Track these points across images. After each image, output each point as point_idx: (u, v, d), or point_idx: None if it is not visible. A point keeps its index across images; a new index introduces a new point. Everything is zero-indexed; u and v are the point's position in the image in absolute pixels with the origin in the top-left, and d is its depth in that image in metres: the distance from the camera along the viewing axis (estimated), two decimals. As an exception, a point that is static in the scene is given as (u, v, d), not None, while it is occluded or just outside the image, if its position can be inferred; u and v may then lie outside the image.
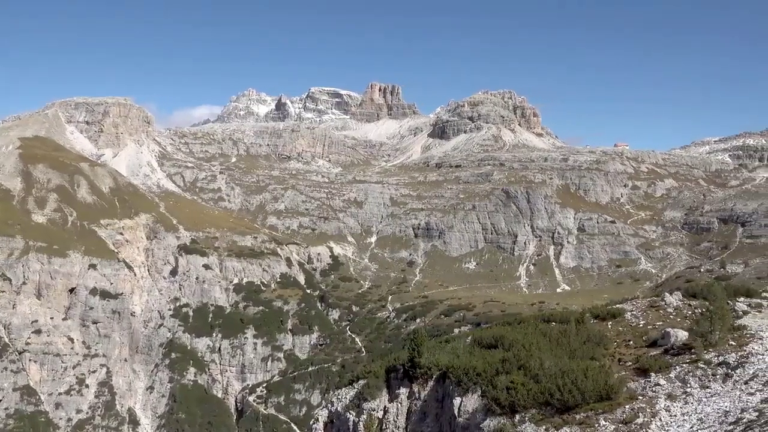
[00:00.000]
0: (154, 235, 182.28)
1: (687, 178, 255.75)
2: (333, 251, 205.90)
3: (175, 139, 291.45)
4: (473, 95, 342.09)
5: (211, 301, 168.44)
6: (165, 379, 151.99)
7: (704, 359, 29.36)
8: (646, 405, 26.64)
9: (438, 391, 34.30)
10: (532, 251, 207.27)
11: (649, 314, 39.32)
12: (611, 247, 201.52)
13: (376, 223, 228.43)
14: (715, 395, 26.20)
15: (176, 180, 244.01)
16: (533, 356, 30.92)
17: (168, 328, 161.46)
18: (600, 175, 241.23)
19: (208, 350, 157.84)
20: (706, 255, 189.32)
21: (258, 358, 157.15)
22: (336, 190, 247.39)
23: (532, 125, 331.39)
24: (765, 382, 25.66)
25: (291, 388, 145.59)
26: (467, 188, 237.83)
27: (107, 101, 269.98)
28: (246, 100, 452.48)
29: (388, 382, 37.57)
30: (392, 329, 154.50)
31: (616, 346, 34.82)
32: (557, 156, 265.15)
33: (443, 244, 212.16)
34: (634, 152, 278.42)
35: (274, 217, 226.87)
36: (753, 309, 38.88)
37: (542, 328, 38.19)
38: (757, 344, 30.50)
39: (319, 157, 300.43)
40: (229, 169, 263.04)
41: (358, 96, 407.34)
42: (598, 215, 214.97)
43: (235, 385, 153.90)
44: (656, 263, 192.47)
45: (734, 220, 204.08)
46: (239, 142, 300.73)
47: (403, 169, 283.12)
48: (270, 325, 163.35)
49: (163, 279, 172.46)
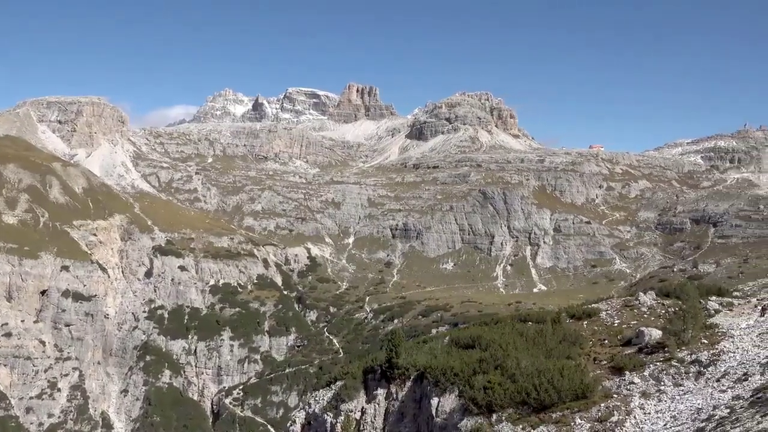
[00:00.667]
0: (129, 236, 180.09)
1: (660, 179, 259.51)
2: (310, 252, 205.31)
3: (150, 139, 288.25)
4: (450, 97, 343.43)
5: (187, 303, 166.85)
6: (139, 382, 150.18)
7: (677, 357, 29.79)
8: (621, 403, 26.96)
9: (416, 392, 34.36)
10: (508, 252, 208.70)
11: (624, 313, 39.81)
12: (587, 247, 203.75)
13: (354, 224, 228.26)
14: (688, 393, 26.60)
15: (151, 180, 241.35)
16: (510, 356, 31.13)
17: (142, 330, 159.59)
18: (576, 176, 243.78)
19: (183, 352, 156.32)
20: (679, 255, 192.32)
21: (234, 360, 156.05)
22: (313, 190, 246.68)
23: (508, 127, 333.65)
24: (736, 380, 26.11)
25: (268, 390, 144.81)
26: (445, 189, 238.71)
27: (80, 101, 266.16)
28: (222, 100, 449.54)
29: (365, 383, 37.54)
30: (370, 330, 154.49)
31: (592, 345, 35.19)
32: (534, 157, 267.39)
33: (421, 244, 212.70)
34: (609, 154, 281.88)
35: (250, 218, 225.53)
36: (724, 308, 39.58)
37: (519, 327, 38.46)
38: (728, 342, 31.03)
39: (296, 158, 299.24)
40: (206, 170, 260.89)
41: (335, 97, 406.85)
42: (574, 216, 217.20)
43: (211, 387, 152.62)
44: (631, 263, 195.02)
45: (706, 221, 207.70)
46: (216, 143, 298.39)
47: (380, 170, 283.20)
48: (247, 326, 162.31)
49: (138, 281, 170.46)
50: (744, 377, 26.02)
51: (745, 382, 25.41)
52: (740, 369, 27.12)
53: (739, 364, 27.75)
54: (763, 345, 29.85)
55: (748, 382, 25.38)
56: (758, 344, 30.13)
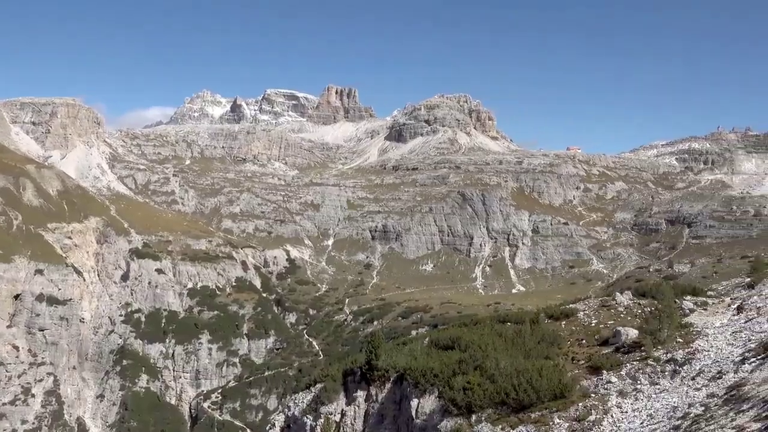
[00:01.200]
0: (105, 239, 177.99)
1: (636, 180, 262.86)
2: (289, 254, 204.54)
3: (127, 140, 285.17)
4: (429, 99, 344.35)
5: (164, 306, 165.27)
6: (116, 386, 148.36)
7: (653, 356, 30.17)
8: (599, 402, 27.24)
9: (395, 393, 34.39)
10: (487, 253, 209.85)
11: (601, 313, 40.25)
12: (564, 248, 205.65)
13: (333, 226, 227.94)
14: (664, 391, 26.96)
15: (128, 182, 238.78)
16: (489, 357, 31.29)
17: (119, 334, 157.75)
18: (553, 178, 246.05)
19: (161, 356, 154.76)
20: (655, 255, 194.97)
21: (213, 364, 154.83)
22: (292, 192, 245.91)
23: (487, 128, 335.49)
24: (711, 378, 26.50)
25: (247, 393, 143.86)
26: (424, 191, 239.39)
27: (55, 101, 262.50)
28: (200, 102, 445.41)
29: (345, 386, 37.50)
30: (349, 332, 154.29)
31: (570, 345, 35.52)
32: (512, 159, 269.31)
33: (400, 246, 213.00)
34: (586, 155, 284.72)
35: (229, 220, 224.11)
36: (699, 307, 40.20)
37: (498, 328, 38.69)
38: (702, 341, 31.50)
39: (275, 160, 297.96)
40: (183, 172, 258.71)
41: (314, 98, 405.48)
42: (552, 217, 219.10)
43: (189, 391, 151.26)
44: (607, 263, 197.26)
45: (681, 221, 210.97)
46: (193, 144, 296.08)
47: (360, 172, 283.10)
48: (225, 329, 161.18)
49: (114, 284, 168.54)
50: (718, 375, 26.43)
51: (720, 380, 25.80)
52: (714, 367, 27.55)
53: (713, 363, 28.18)
54: (736, 343, 30.34)
55: (722, 380, 25.78)
56: (732, 342, 30.63)
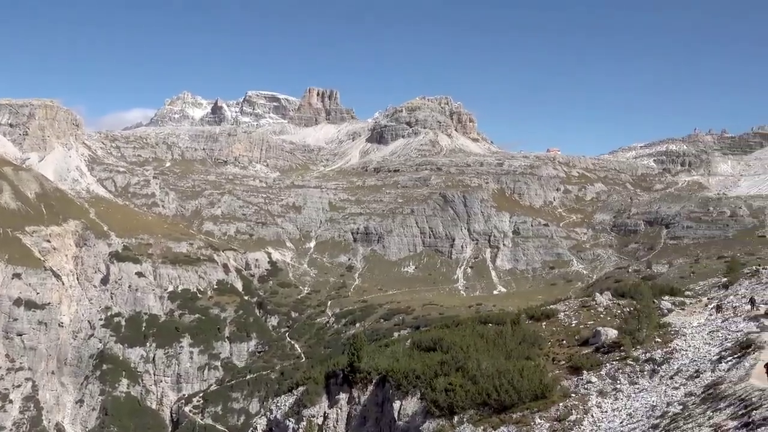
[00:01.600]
0: (84, 242, 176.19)
1: (615, 182, 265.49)
2: (271, 257, 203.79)
3: (106, 142, 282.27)
4: (411, 101, 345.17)
5: (145, 310, 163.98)
6: (95, 391, 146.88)
7: (632, 356, 30.60)
8: (579, 402, 27.57)
9: (378, 395, 34.48)
10: (469, 254, 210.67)
11: (581, 314, 40.73)
12: (545, 249, 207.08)
13: (315, 228, 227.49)
14: (643, 390, 27.35)
15: (107, 185, 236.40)
16: (471, 358, 31.52)
17: (99, 338, 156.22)
18: (534, 180, 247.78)
19: (141, 360, 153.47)
20: (634, 256, 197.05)
21: (194, 367, 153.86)
22: (274, 195, 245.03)
23: (468, 130, 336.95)
24: (688, 377, 26.94)
25: (228, 397, 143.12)
26: (405, 193, 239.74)
27: (33, 103, 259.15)
28: (181, 104, 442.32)
29: (327, 388, 37.53)
30: (332, 334, 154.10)
31: (550, 345, 35.89)
32: (493, 161, 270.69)
33: (382, 248, 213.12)
34: (566, 157, 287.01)
35: (210, 222, 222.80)
36: (677, 307, 40.83)
37: (479, 329, 38.98)
38: (680, 341, 32.01)
39: (256, 162, 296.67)
40: (163, 174, 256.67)
41: (296, 100, 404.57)
42: (532, 218, 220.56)
43: (170, 395, 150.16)
44: (587, 264, 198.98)
45: (659, 222, 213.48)
46: (174, 146, 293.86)
47: (341, 174, 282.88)
48: (206, 333, 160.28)
49: (94, 288, 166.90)
50: (696, 374, 26.87)
51: (697, 379, 26.23)
52: (692, 366, 28.00)
53: (691, 362, 28.65)
54: (713, 343, 30.86)
55: (699, 378, 26.21)
56: (709, 342, 31.15)
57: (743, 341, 28.48)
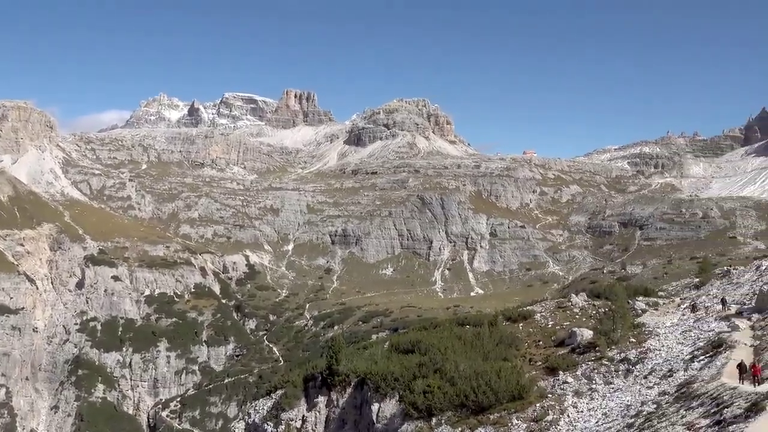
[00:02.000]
0: (59, 246, 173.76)
1: (590, 184, 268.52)
2: (249, 260, 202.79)
3: (81, 145, 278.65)
4: (388, 103, 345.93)
5: (121, 314, 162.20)
6: (71, 397, 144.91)
7: (608, 356, 31.14)
8: (556, 402, 27.97)
9: (356, 398, 34.60)
10: (446, 256, 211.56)
11: (557, 315, 41.30)
12: (521, 251, 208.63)
13: (293, 231, 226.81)
14: (618, 390, 27.84)
15: (82, 188, 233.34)
16: (449, 359, 31.79)
17: (74, 343, 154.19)
18: (510, 182, 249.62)
19: (117, 365, 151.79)
20: (608, 257, 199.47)
21: (171, 372, 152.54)
22: (251, 197, 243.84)
23: (445, 133, 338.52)
24: (662, 376, 27.48)
25: (206, 401, 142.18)
26: (383, 195, 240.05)
27: (5, 104, 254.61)
28: (157, 105, 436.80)
29: (306, 391, 37.56)
30: (310, 337, 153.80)
31: (527, 346, 36.34)
32: (470, 163, 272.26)
33: (360, 250, 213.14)
34: (542, 159, 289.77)
35: (187, 225, 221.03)
36: (650, 307, 41.58)
37: (457, 331, 39.31)
38: (654, 341, 32.63)
39: (233, 164, 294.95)
40: (140, 177, 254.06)
41: (273, 102, 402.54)
42: (509, 220, 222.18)
43: (147, 400, 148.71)
44: (563, 266, 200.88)
45: (633, 224, 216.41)
46: (150, 149, 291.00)
47: (319, 176, 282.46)
48: (184, 337, 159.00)
49: (69, 292, 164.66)
50: (669, 373, 27.42)
51: (670, 378, 26.77)
52: (666, 366, 28.57)
53: (664, 361, 29.22)
54: (686, 342, 31.51)
55: (672, 378, 26.76)
56: (681, 341, 31.80)
57: (715, 341, 29.11)
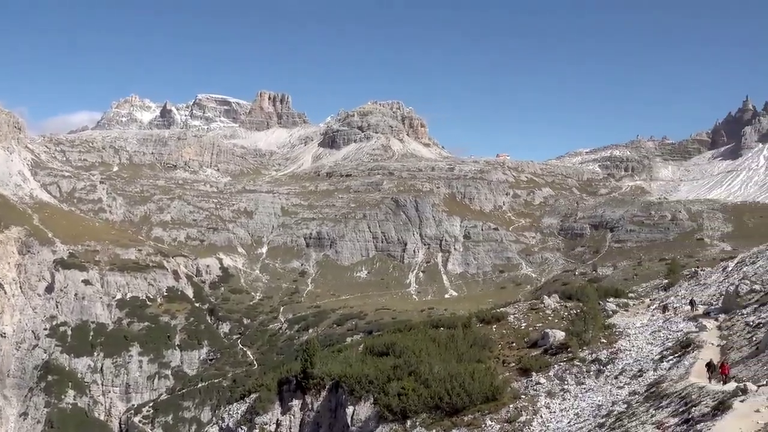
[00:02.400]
0: (27, 250, 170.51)
1: (562, 186, 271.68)
2: (223, 263, 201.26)
3: (50, 146, 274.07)
4: (363, 105, 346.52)
5: (92, 319, 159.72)
6: (40, 403, 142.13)
7: (579, 357, 31.63)
8: (529, 403, 28.35)
9: (331, 401, 34.63)
10: (421, 259, 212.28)
11: (530, 316, 41.83)
12: (495, 253, 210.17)
13: (267, 234, 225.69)
14: (590, 390, 28.32)
15: (52, 190, 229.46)
16: (423, 362, 31.99)
17: (43, 348, 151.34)
18: (484, 184, 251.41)
19: (88, 371, 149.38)
20: (580, 259, 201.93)
21: (144, 377, 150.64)
22: (225, 200, 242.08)
23: (419, 135, 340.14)
24: (632, 376, 28.02)
25: (179, 406, 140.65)
26: (358, 197, 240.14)
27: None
28: (128, 107, 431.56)
29: (280, 395, 37.48)
30: (284, 341, 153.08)
31: (501, 348, 36.74)
32: (444, 166, 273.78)
33: (335, 253, 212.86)
34: (515, 162, 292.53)
35: (159, 228, 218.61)
36: (621, 308, 42.36)
37: (431, 333, 39.56)
38: (624, 341, 33.25)
39: (207, 166, 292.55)
40: (111, 179, 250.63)
41: (247, 104, 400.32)
42: (483, 223, 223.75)
43: (119, 406, 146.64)
44: (536, 268, 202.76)
45: (604, 226, 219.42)
46: (121, 150, 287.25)
47: (293, 179, 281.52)
48: (156, 341, 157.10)
49: (38, 296, 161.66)
50: (639, 373, 27.97)
51: (640, 378, 27.32)
52: (636, 366, 29.13)
53: (634, 361, 29.79)
54: (655, 342, 32.17)
55: (642, 377, 27.30)
56: (651, 342, 32.46)
57: (683, 341, 29.77)
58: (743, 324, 29.64)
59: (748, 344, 26.54)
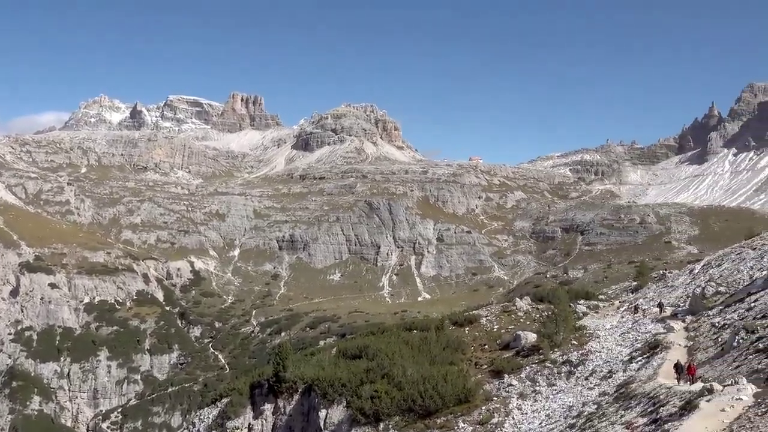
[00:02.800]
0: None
1: (534, 190, 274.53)
2: (194, 266, 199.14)
3: (16, 147, 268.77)
4: (336, 108, 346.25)
5: (59, 323, 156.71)
6: (4, 410, 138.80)
7: (551, 359, 31.92)
8: (501, 405, 28.52)
9: (304, 405, 34.46)
10: (394, 261, 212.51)
11: (502, 319, 42.12)
12: (468, 256, 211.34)
13: (239, 236, 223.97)
14: (561, 392, 28.59)
15: (17, 192, 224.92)
16: (396, 364, 32.00)
17: (8, 354, 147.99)
18: (457, 188, 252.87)
19: (55, 376, 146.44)
20: (552, 262, 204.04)
21: (112, 382, 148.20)
22: (197, 202, 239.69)
23: (393, 138, 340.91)
24: (602, 377, 28.37)
25: (149, 411, 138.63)
26: (331, 200, 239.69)
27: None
28: (97, 107, 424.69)
29: (252, 399, 37.20)
30: (257, 344, 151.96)
31: (473, 350, 36.92)
32: (417, 169, 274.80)
33: (308, 256, 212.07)
34: (488, 166, 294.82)
35: (129, 230, 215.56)
36: (591, 310, 42.88)
37: (404, 336, 39.60)
38: (595, 343, 33.64)
39: (178, 168, 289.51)
40: (79, 180, 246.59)
41: (219, 105, 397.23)
42: (456, 226, 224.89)
43: (87, 412, 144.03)
44: (508, 270, 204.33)
45: (575, 229, 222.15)
46: (90, 152, 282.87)
47: (266, 181, 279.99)
48: (125, 345, 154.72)
49: (2, 300, 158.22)
50: (609, 374, 28.32)
51: (610, 379, 27.66)
52: (606, 367, 29.49)
53: (604, 363, 30.16)
54: (624, 344, 32.61)
55: (612, 378, 27.65)
56: (621, 343, 32.89)
57: (652, 342, 30.21)
58: (709, 325, 30.18)
59: (714, 345, 27.02)
